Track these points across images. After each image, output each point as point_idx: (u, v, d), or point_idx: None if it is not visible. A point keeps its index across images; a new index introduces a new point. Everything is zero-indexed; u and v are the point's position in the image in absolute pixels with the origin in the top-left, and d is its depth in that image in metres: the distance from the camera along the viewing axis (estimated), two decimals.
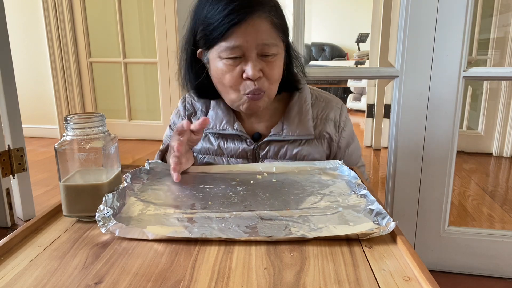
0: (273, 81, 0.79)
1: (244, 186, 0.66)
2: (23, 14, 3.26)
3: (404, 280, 0.40)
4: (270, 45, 0.75)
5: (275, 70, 0.78)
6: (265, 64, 0.76)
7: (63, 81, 3.34)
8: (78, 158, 0.56)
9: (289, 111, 0.87)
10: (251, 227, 0.50)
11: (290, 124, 0.85)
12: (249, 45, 0.73)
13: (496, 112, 2.62)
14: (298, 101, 0.88)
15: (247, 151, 0.86)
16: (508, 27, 2.49)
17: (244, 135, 0.86)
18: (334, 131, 0.89)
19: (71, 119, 0.55)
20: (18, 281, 0.41)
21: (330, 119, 0.89)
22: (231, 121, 0.86)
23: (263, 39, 0.74)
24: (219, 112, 0.88)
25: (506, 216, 1.81)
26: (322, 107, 0.90)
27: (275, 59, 0.77)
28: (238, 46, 0.73)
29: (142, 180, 0.69)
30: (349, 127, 0.92)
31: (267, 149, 0.86)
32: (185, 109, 0.94)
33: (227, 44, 0.74)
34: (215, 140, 0.88)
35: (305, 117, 0.86)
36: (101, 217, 0.50)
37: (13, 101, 1.74)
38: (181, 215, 0.54)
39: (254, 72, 0.74)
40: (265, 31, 0.74)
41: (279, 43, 0.77)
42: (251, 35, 0.73)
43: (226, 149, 0.87)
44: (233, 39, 0.73)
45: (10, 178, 1.79)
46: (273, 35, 0.75)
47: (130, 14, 3.18)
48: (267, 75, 0.77)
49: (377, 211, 0.53)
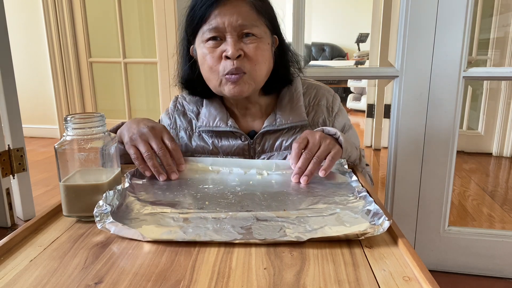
0: (256, 62, 0.77)
1: (243, 186, 0.66)
2: (23, 14, 3.26)
3: (404, 280, 0.40)
4: (250, 26, 0.76)
5: (258, 52, 0.77)
6: (246, 46, 0.76)
7: (63, 81, 3.34)
8: (78, 158, 0.56)
9: (280, 101, 0.87)
10: (246, 228, 0.50)
11: (283, 113, 0.85)
12: (227, 26, 0.75)
13: (496, 112, 2.62)
14: (289, 91, 0.89)
15: (242, 148, 0.86)
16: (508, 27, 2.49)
17: (238, 131, 0.85)
18: (327, 115, 0.89)
19: (71, 119, 0.55)
20: (18, 281, 0.41)
21: (322, 105, 0.90)
22: (225, 118, 0.86)
23: (241, 20, 0.75)
24: (212, 110, 0.87)
25: (506, 216, 1.81)
26: (313, 94, 0.91)
27: (258, 40, 0.77)
28: (216, 27, 0.75)
29: (141, 180, 0.69)
30: (343, 115, 0.92)
31: (263, 143, 0.86)
32: (175, 108, 0.94)
33: (207, 26, 0.76)
34: (209, 138, 0.87)
35: (296, 104, 0.86)
36: (99, 212, 0.50)
37: (13, 101, 1.74)
38: (177, 215, 0.54)
39: (233, 50, 0.74)
40: (244, 12, 0.75)
41: (261, 26, 0.78)
42: (228, 15, 0.74)
43: (221, 147, 0.86)
44: (212, 20, 0.75)
45: (10, 178, 1.79)
46: (253, 17, 0.76)
47: (130, 14, 3.18)
48: (248, 56, 0.76)
49: (374, 212, 0.53)
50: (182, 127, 0.91)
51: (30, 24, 3.26)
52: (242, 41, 0.76)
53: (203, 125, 0.87)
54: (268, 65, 0.81)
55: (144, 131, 0.73)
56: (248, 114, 0.88)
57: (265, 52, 0.79)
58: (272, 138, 0.85)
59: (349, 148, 0.77)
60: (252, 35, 0.76)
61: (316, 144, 0.71)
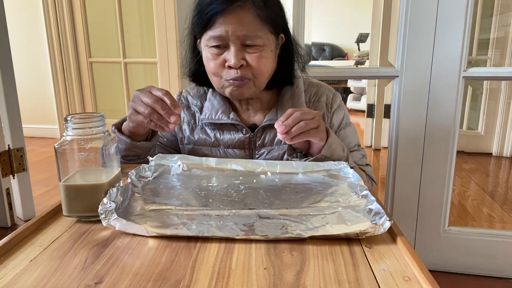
0: (259, 71, 0.79)
1: (246, 185, 0.66)
2: (23, 14, 3.26)
3: (404, 280, 0.40)
4: (253, 37, 0.76)
5: (261, 61, 0.78)
6: (249, 55, 0.77)
7: (63, 81, 3.34)
8: (78, 158, 0.56)
9: (282, 97, 0.89)
10: (248, 225, 0.51)
11: (284, 108, 0.85)
12: (230, 35, 0.75)
13: (496, 112, 2.62)
14: (290, 88, 0.90)
15: (243, 141, 0.87)
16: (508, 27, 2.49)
17: (240, 124, 0.86)
18: (326, 111, 0.91)
19: (71, 119, 0.55)
20: (18, 281, 0.41)
21: (322, 101, 0.91)
22: (227, 111, 0.87)
23: (243, 30, 0.75)
24: (215, 103, 0.89)
25: (506, 216, 1.81)
26: (314, 91, 0.93)
27: (260, 50, 0.77)
28: (219, 36, 0.76)
29: (147, 177, 0.69)
30: (343, 112, 0.93)
31: (263, 137, 0.87)
32: (179, 102, 0.96)
33: (211, 33, 0.77)
34: (211, 131, 0.89)
35: (298, 100, 0.88)
36: (103, 210, 0.50)
37: (13, 101, 1.74)
38: (181, 212, 0.55)
39: (236, 61, 0.76)
40: (247, 23, 0.75)
41: (264, 35, 0.78)
42: (231, 25, 0.75)
43: (222, 140, 0.88)
44: (215, 28, 0.76)
45: (10, 178, 1.79)
46: (257, 27, 0.76)
47: (130, 14, 3.18)
48: (251, 65, 0.78)
49: (376, 211, 0.53)
50: (185, 120, 0.93)
51: (30, 24, 3.26)
52: (245, 50, 0.77)
53: (206, 118, 0.88)
54: (271, 70, 0.83)
55: (134, 96, 0.74)
56: (250, 108, 0.91)
57: (268, 60, 0.80)
58: (272, 132, 0.87)
59: (334, 145, 0.77)
60: (255, 46, 0.77)
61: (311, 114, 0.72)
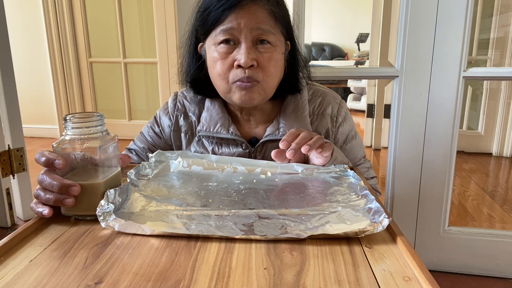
0: (269, 73, 0.74)
1: (246, 184, 0.66)
2: (23, 14, 3.26)
3: (404, 280, 0.40)
4: (266, 32, 0.72)
5: (271, 63, 0.74)
6: (260, 55, 0.73)
7: (63, 81, 3.34)
8: (76, 157, 0.56)
9: (285, 109, 0.84)
10: (248, 225, 0.51)
11: (286, 121, 0.82)
12: (243, 29, 0.71)
13: (496, 112, 2.62)
14: (294, 98, 0.85)
15: (243, 156, 0.82)
16: (508, 27, 2.49)
17: (240, 139, 0.81)
18: (330, 126, 0.86)
19: (70, 118, 0.55)
20: (18, 281, 0.41)
21: (327, 114, 0.87)
22: (226, 124, 0.82)
23: (258, 23, 0.71)
24: (214, 114, 0.83)
25: (506, 216, 1.81)
26: (318, 102, 0.87)
27: (272, 50, 0.74)
28: (231, 28, 0.71)
29: (146, 176, 0.69)
30: (349, 123, 0.89)
31: (264, 152, 0.82)
32: (175, 108, 0.89)
33: (221, 27, 0.72)
34: (209, 144, 0.84)
35: (301, 114, 0.83)
36: (101, 212, 0.51)
37: (13, 101, 1.74)
38: (181, 212, 0.55)
39: (246, 59, 0.70)
40: (261, 17, 0.72)
41: (277, 34, 0.74)
42: (245, 18, 0.71)
43: (221, 154, 0.83)
44: (227, 21, 0.71)
45: (10, 178, 1.79)
46: (270, 23, 0.73)
47: (130, 14, 3.18)
48: (262, 66, 0.73)
49: (375, 210, 0.53)
50: (183, 130, 0.88)
51: (30, 24, 3.26)
52: (256, 48, 0.73)
53: (203, 130, 0.83)
54: (280, 75, 0.79)
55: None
56: (252, 119, 0.86)
57: (279, 62, 0.76)
58: (273, 147, 0.80)
59: (339, 158, 0.76)
60: (267, 43, 0.73)
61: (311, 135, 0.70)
